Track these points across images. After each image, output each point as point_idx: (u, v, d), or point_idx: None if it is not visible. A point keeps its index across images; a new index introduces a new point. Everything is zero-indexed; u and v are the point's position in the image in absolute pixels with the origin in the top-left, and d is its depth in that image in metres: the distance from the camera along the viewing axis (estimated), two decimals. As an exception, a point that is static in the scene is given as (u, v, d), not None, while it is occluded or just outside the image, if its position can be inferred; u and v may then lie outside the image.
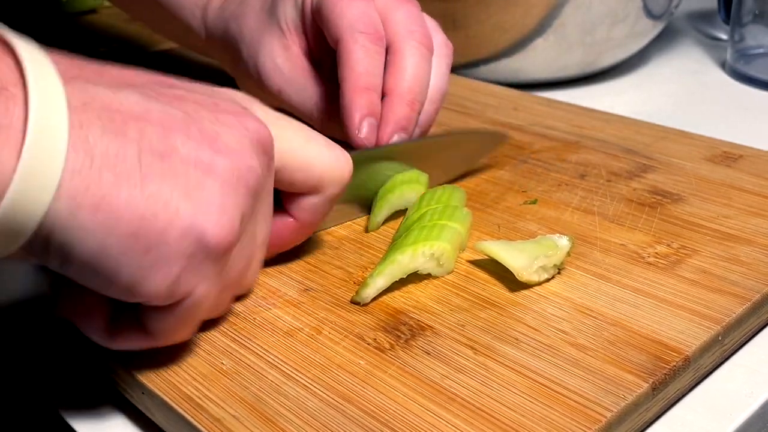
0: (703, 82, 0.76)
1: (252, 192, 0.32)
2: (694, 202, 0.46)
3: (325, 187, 0.37)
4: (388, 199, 0.45)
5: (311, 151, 0.37)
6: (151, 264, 0.29)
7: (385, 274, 0.37)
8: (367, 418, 0.30)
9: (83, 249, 0.28)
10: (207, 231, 0.29)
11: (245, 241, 0.33)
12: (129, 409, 0.35)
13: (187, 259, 0.29)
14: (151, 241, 0.28)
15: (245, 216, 0.32)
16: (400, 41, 0.47)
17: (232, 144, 0.31)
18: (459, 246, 0.41)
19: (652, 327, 0.35)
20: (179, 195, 0.29)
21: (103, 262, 0.28)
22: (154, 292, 0.29)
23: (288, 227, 0.38)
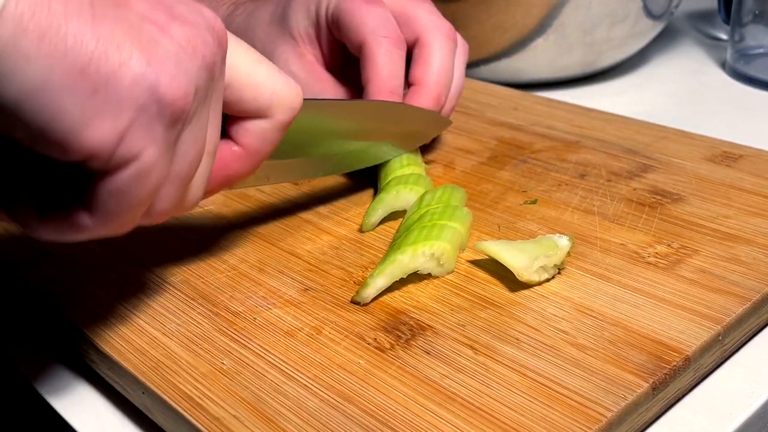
0: (703, 82, 0.76)
1: (207, 67, 0.30)
2: (694, 202, 0.46)
3: (275, 111, 0.35)
4: (383, 199, 0.45)
5: (262, 71, 0.35)
6: (97, 108, 0.26)
7: (386, 274, 0.37)
8: (367, 417, 0.30)
9: (23, 80, 0.25)
10: (161, 83, 0.27)
11: (196, 125, 0.30)
12: (129, 408, 0.35)
13: (137, 110, 0.27)
14: (100, 81, 0.26)
15: (199, 90, 0.29)
16: (428, 35, 0.49)
17: (189, 17, 0.29)
18: (459, 246, 0.41)
19: (653, 327, 0.35)
20: (133, 43, 0.27)
21: (43, 99, 0.25)
22: (97, 141, 0.26)
23: (234, 153, 0.35)
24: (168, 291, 0.39)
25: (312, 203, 0.48)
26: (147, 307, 0.38)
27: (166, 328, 0.36)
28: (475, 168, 0.52)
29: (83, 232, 0.29)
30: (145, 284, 0.40)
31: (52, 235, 0.29)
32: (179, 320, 0.37)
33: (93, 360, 0.36)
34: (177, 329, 0.36)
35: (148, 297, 0.39)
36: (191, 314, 0.37)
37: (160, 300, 0.38)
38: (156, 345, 0.35)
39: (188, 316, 0.37)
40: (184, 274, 0.41)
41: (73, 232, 0.29)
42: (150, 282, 0.40)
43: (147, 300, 0.38)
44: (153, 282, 0.40)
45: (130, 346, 0.35)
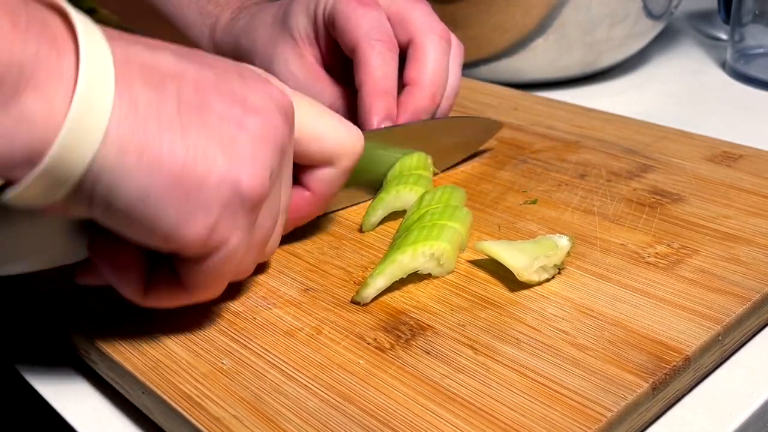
0: (703, 82, 0.76)
1: (279, 149, 0.33)
2: (694, 202, 0.46)
3: (339, 159, 0.39)
4: (383, 199, 0.44)
5: (326, 124, 0.39)
6: (190, 209, 0.30)
7: (386, 274, 0.37)
8: (367, 417, 0.30)
9: (128, 192, 0.29)
10: (242, 180, 0.31)
11: (272, 199, 0.34)
12: (129, 408, 0.35)
13: (223, 206, 0.31)
14: (192, 186, 0.30)
15: (273, 171, 0.33)
16: (421, 36, 0.50)
17: (260, 105, 0.33)
18: (459, 246, 0.41)
19: (653, 327, 0.35)
20: (216, 146, 0.31)
21: (145, 206, 0.29)
22: (192, 237, 0.31)
23: (305, 199, 0.40)
24: (168, 291, 0.39)
25: (312, 203, 0.48)
26: (147, 307, 0.38)
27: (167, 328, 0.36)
28: (475, 168, 0.52)
29: (178, 301, 0.34)
30: (145, 284, 0.40)
31: (155, 304, 0.34)
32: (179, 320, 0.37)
33: (93, 360, 0.36)
34: (177, 329, 0.36)
35: (148, 297, 0.39)
36: (191, 314, 0.37)
37: (160, 300, 0.38)
38: (156, 345, 0.35)
39: (188, 316, 0.37)
40: (184, 274, 0.41)
41: (172, 301, 0.34)
42: (150, 282, 0.40)
43: (147, 300, 0.38)
44: (153, 282, 0.40)
45: (130, 346, 0.35)
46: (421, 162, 0.47)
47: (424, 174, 0.46)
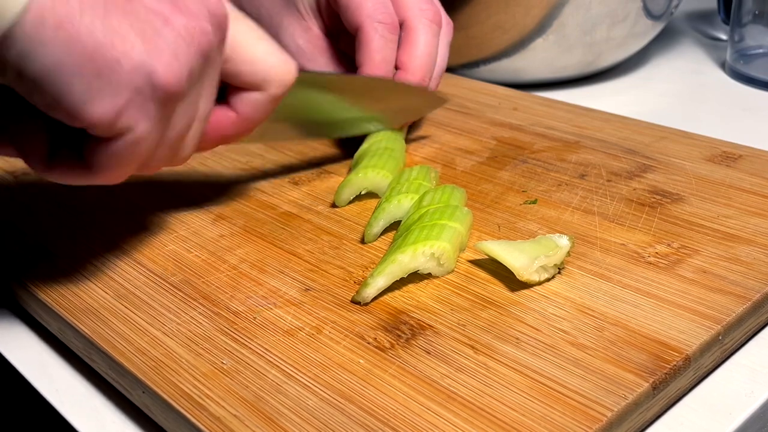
0: (703, 82, 0.76)
1: (203, 54, 0.34)
2: (694, 202, 0.46)
3: (268, 85, 0.40)
4: (384, 209, 0.44)
5: (260, 48, 0.39)
6: (100, 88, 0.31)
7: (386, 274, 0.37)
8: (368, 417, 0.30)
9: (40, 62, 0.29)
10: (157, 70, 0.32)
11: (188, 101, 0.35)
12: (129, 408, 0.35)
13: (134, 91, 0.32)
14: (104, 66, 0.30)
15: (193, 73, 0.34)
16: (413, 19, 0.52)
17: (192, 7, 0.34)
18: (459, 246, 0.41)
19: (653, 326, 0.35)
20: (136, 35, 0.31)
21: (56, 78, 0.30)
22: (98, 116, 0.31)
23: (229, 119, 0.40)
24: (168, 291, 0.39)
25: (312, 203, 0.48)
26: (147, 306, 0.38)
27: (167, 327, 0.36)
28: (475, 168, 0.52)
29: (81, 180, 0.35)
30: (146, 284, 0.40)
31: (55, 178, 0.35)
32: (180, 320, 0.37)
33: (93, 360, 0.36)
34: (177, 329, 0.36)
35: (149, 297, 0.39)
36: (192, 314, 0.37)
37: (161, 300, 0.38)
38: (156, 344, 0.35)
39: (189, 316, 0.37)
40: (184, 274, 0.41)
41: (72, 179, 0.35)
42: (150, 282, 0.40)
43: (147, 300, 0.38)
44: (153, 282, 0.40)
45: (130, 346, 0.35)
46: (422, 172, 0.47)
47: (425, 184, 0.46)
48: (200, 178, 0.52)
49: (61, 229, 0.46)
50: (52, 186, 0.50)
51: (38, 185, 0.51)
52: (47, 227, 0.46)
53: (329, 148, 0.56)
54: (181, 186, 0.51)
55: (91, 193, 0.49)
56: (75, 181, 0.35)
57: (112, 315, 0.37)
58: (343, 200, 0.47)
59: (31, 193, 0.50)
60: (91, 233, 0.45)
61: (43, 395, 0.36)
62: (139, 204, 0.48)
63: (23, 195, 0.50)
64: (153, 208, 0.47)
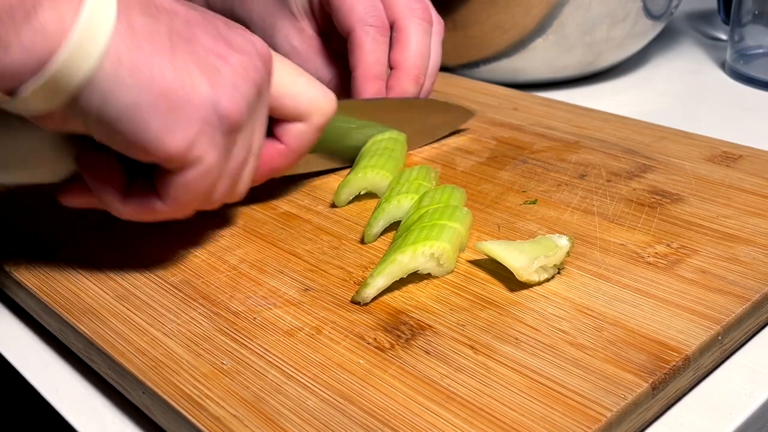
0: (702, 82, 0.76)
1: (257, 87, 0.37)
2: (694, 202, 0.46)
3: (311, 116, 0.42)
4: (384, 210, 0.44)
5: (300, 83, 0.42)
6: (174, 122, 0.34)
7: (386, 274, 0.37)
8: (368, 417, 0.30)
9: (119, 103, 0.33)
10: (222, 102, 0.35)
11: (246, 133, 0.38)
12: (129, 408, 0.35)
13: (203, 123, 0.35)
14: (176, 103, 0.34)
15: (250, 105, 0.37)
16: (404, 19, 0.53)
17: (243, 46, 0.37)
18: (459, 246, 0.41)
19: (652, 327, 0.35)
20: (201, 72, 0.35)
21: (133, 117, 0.33)
22: (173, 148, 0.34)
23: (278, 150, 0.43)
24: (168, 291, 0.39)
25: (312, 203, 0.48)
26: (147, 307, 0.38)
27: (167, 328, 0.36)
28: (475, 168, 0.52)
29: (155, 214, 0.38)
30: (146, 284, 0.40)
31: (131, 210, 0.38)
32: (180, 320, 0.37)
33: (93, 360, 0.36)
34: (177, 329, 0.36)
35: (149, 297, 0.39)
36: (192, 314, 0.37)
37: (161, 300, 0.38)
38: (156, 345, 0.35)
39: (188, 316, 0.37)
40: (184, 274, 0.41)
41: (147, 213, 0.38)
42: (150, 282, 0.40)
43: (147, 300, 0.38)
44: (153, 282, 0.40)
45: (130, 346, 0.35)
46: (422, 173, 0.47)
47: (425, 184, 0.46)
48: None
49: (61, 229, 0.46)
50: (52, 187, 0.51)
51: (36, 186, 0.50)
52: (47, 227, 0.46)
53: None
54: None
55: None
56: (148, 213, 0.38)
57: (112, 315, 0.37)
58: (343, 200, 0.47)
59: (31, 194, 0.50)
60: (91, 233, 0.45)
61: (43, 395, 0.36)
62: (139, 204, 0.48)
63: (23, 195, 0.50)
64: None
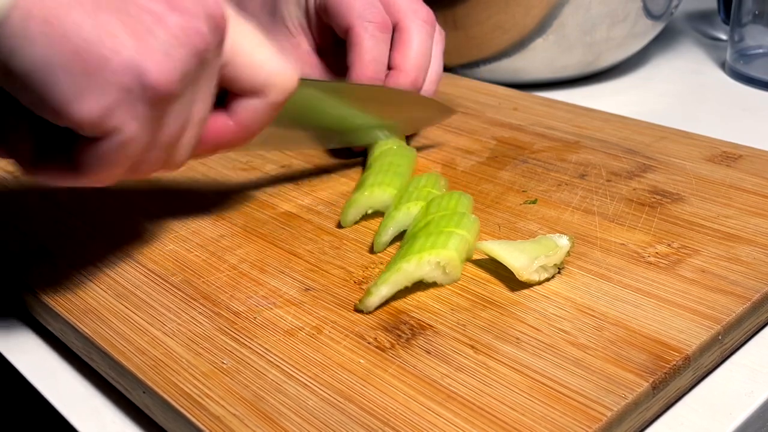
0: (702, 82, 0.76)
1: (198, 55, 0.33)
2: (694, 201, 0.46)
3: (268, 92, 0.38)
4: (393, 218, 0.43)
5: (261, 53, 0.38)
6: (86, 86, 0.30)
7: (390, 283, 0.37)
8: (368, 416, 0.30)
9: (26, 58, 0.29)
10: (148, 70, 0.31)
11: (182, 104, 0.34)
12: (130, 407, 0.35)
13: (123, 91, 0.31)
14: (92, 64, 0.30)
15: (187, 74, 0.33)
16: (406, 20, 0.51)
17: (188, 6, 0.32)
18: (466, 254, 0.40)
19: (653, 326, 0.35)
20: (127, 33, 0.30)
21: (42, 74, 0.29)
22: (84, 114, 0.30)
23: (227, 127, 0.39)
24: (168, 291, 0.39)
25: (312, 203, 0.48)
26: (147, 306, 0.38)
27: (167, 327, 0.36)
28: (475, 168, 0.52)
29: (67, 181, 0.34)
30: (146, 284, 0.40)
31: (42, 178, 0.34)
32: (180, 320, 0.37)
33: (94, 359, 0.36)
34: (178, 329, 0.36)
35: (149, 297, 0.39)
36: (192, 314, 0.37)
37: (161, 299, 0.38)
38: (157, 344, 0.35)
39: (189, 316, 0.37)
40: (184, 273, 0.41)
41: (59, 179, 0.34)
42: (150, 281, 0.40)
43: (147, 300, 0.38)
44: (153, 282, 0.40)
45: (130, 346, 0.35)
46: (431, 180, 0.46)
47: (434, 192, 0.45)
48: (200, 178, 0.52)
49: (61, 229, 0.46)
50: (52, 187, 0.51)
51: (38, 186, 0.51)
52: (47, 228, 0.46)
53: (329, 148, 0.57)
54: (181, 186, 0.51)
55: (92, 194, 0.49)
56: (61, 182, 0.34)
57: (112, 315, 0.37)
58: (349, 221, 0.45)
59: (31, 194, 0.50)
60: (92, 233, 0.45)
61: (43, 395, 0.36)
62: (140, 204, 0.48)
63: (23, 195, 0.50)
64: (153, 208, 0.47)
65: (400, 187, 0.46)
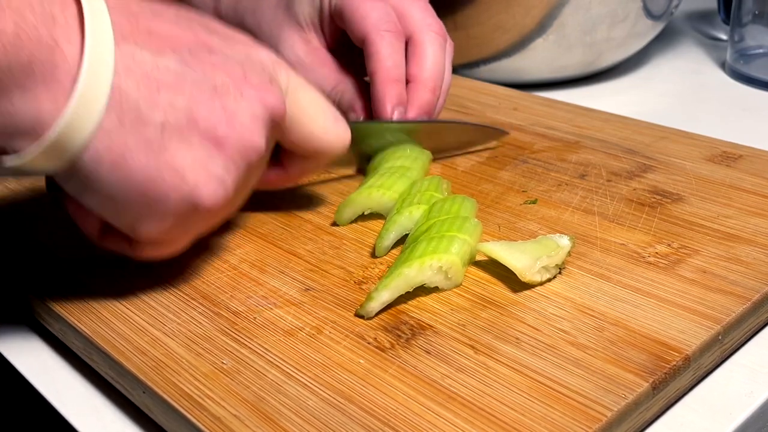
0: (703, 82, 0.76)
1: (251, 167, 0.37)
2: (694, 202, 0.46)
3: (320, 157, 0.42)
4: (395, 221, 0.43)
5: (318, 125, 0.41)
6: (148, 215, 0.34)
7: (391, 288, 0.36)
8: (368, 417, 0.30)
9: (97, 192, 0.33)
10: (203, 199, 0.34)
11: (232, 201, 0.37)
12: (130, 408, 0.35)
13: (179, 217, 0.35)
14: (154, 200, 0.34)
15: (239, 185, 0.36)
16: (420, 33, 0.53)
17: (247, 123, 0.35)
18: (468, 258, 0.39)
19: (653, 326, 0.35)
20: (188, 165, 0.34)
21: (111, 204, 0.34)
22: (146, 236, 0.35)
23: (277, 175, 0.43)
24: (168, 291, 0.39)
25: (312, 203, 0.48)
26: (148, 307, 0.38)
27: (167, 327, 0.36)
28: (475, 168, 0.52)
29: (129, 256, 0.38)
30: (146, 284, 0.40)
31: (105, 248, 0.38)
32: (180, 320, 0.37)
33: (94, 360, 0.36)
34: (178, 329, 0.36)
35: (149, 297, 0.39)
36: (192, 314, 0.37)
37: (161, 300, 0.38)
38: (157, 345, 0.35)
39: (189, 316, 0.37)
40: (184, 273, 0.41)
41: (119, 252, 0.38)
42: (150, 282, 0.40)
43: (147, 300, 0.38)
44: (153, 282, 0.40)
45: (131, 346, 0.35)
46: (434, 183, 0.46)
47: (437, 195, 0.45)
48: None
49: (61, 230, 0.46)
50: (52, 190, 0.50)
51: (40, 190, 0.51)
52: (49, 230, 0.46)
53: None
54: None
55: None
56: (121, 253, 0.38)
57: (112, 315, 0.37)
58: (345, 220, 0.45)
59: (34, 198, 0.50)
60: (92, 233, 0.45)
61: (44, 395, 0.36)
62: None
63: (26, 200, 0.50)
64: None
65: (403, 191, 0.46)
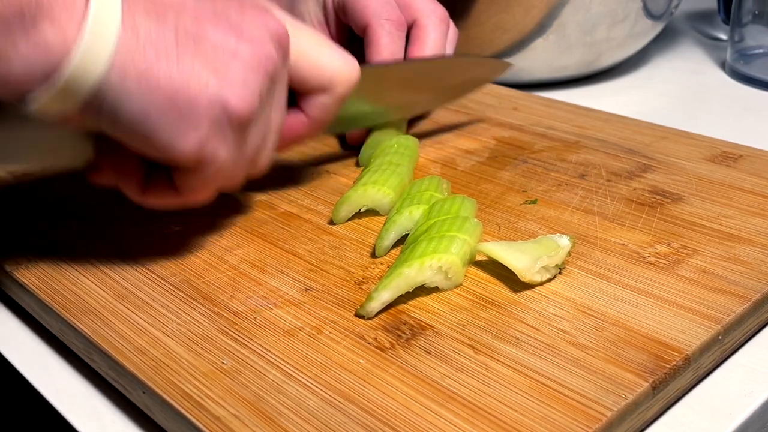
0: (703, 82, 0.76)
1: (270, 76, 0.37)
2: (694, 201, 0.46)
3: (334, 87, 0.43)
4: (395, 222, 0.43)
5: (323, 54, 0.42)
6: (183, 126, 0.34)
7: (391, 288, 0.36)
8: (368, 417, 0.30)
9: (129, 110, 0.33)
10: (230, 101, 0.35)
11: (261, 120, 0.38)
12: (130, 408, 0.35)
13: (213, 123, 0.35)
14: (184, 106, 0.34)
15: (263, 95, 0.37)
16: (423, 18, 0.54)
17: (254, 35, 0.36)
18: (469, 258, 0.39)
19: (653, 326, 0.35)
20: (208, 72, 0.35)
21: (144, 122, 0.34)
22: (185, 151, 0.35)
23: (301, 123, 0.44)
24: (168, 291, 0.39)
25: (312, 203, 0.48)
26: (147, 306, 0.38)
27: (167, 327, 0.36)
28: (475, 168, 0.52)
29: (171, 203, 0.39)
30: (146, 284, 0.40)
31: (149, 202, 0.39)
32: (180, 320, 0.37)
33: (94, 360, 0.36)
34: (178, 329, 0.36)
35: (149, 297, 0.39)
36: (192, 314, 0.37)
37: (161, 300, 0.38)
38: (157, 344, 0.35)
39: (189, 316, 0.37)
40: (184, 274, 0.41)
41: (164, 202, 0.39)
42: (150, 281, 0.40)
43: (147, 300, 0.38)
44: (153, 282, 0.40)
45: (130, 346, 0.35)
46: (434, 183, 0.46)
47: (437, 195, 0.45)
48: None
49: (61, 229, 0.46)
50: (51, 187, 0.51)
51: (37, 186, 0.51)
52: (48, 228, 0.46)
53: (330, 147, 0.57)
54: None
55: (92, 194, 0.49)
56: (166, 204, 0.39)
57: (112, 315, 0.37)
58: (341, 218, 0.45)
59: (31, 195, 0.50)
60: (91, 233, 0.45)
61: (43, 395, 0.36)
62: (140, 204, 0.48)
63: (24, 196, 0.50)
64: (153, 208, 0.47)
65: (397, 187, 0.46)
